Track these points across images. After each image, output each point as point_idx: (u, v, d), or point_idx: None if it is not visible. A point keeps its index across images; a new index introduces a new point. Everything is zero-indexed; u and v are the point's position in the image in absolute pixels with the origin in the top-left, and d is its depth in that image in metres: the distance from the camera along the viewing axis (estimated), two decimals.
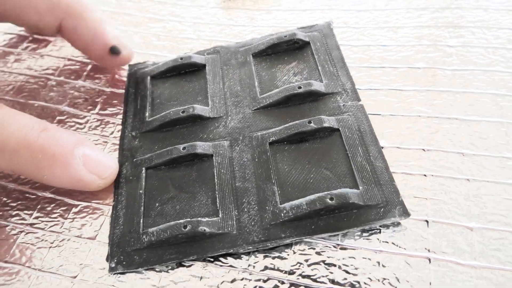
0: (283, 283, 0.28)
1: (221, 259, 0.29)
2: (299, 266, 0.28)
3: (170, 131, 0.37)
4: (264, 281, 0.28)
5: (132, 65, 0.44)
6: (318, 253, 0.29)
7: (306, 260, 0.29)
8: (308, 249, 0.29)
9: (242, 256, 0.29)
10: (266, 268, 0.29)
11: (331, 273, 0.28)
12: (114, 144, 0.38)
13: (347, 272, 0.28)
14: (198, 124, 0.37)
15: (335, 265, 0.28)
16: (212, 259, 0.29)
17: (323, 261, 0.28)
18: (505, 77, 0.37)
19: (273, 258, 0.29)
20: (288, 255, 0.29)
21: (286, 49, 0.42)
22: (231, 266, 0.29)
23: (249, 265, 0.29)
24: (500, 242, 0.28)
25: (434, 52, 0.40)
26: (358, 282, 0.27)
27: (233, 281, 0.28)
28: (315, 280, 0.28)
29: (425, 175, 0.32)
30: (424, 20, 0.43)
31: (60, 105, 0.41)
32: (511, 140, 0.32)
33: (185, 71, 0.42)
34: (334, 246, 0.29)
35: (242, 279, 0.28)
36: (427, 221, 0.29)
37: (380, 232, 0.29)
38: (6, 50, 0.48)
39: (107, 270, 0.30)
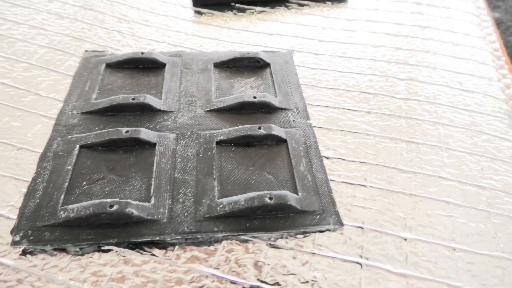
0: (207, 277, 0.26)
1: (144, 247, 0.27)
2: (227, 262, 0.26)
3: (115, 116, 0.36)
4: (185, 273, 0.26)
5: (89, 51, 0.44)
6: (248, 251, 0.27)
7: (235, 257, 0.27)
8: (239, 246, 0.27)
9: (168, 247, 0.27)
10: (190, 261, 0.26)
11: (259, 271, 0.26)
12: (51, 119, 0.35)
13: (276, 271, 0.26)
14: (147, 114, 0.36)
15: (264, 263, 0.26)
16: (134, 246, 0.27)
17: (252, 259, 0.27)
18: (446, 110, 0.39)
19: (200, 251, 0.27)
20: (216, 249, 0.27)
21: (247, 65, 0.43)
22: (153, 255, 0.27)
23: (172, 256, 0.27)
24: (432, 255, 0.27)
25: (384, 82, 0.42)
26: (285, 282, 0.25)
27: (153, 270, 0.26)
28: (240, 276, 0.26)
29: (364, 186, 0.32)
30: (378, 55, 0.46)
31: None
32: (449, 163, 0.34)
33: (144, 66, 0.42)
34: (267, 245, 0.27)
35: (162, 270, 0.26)
36: (362, 228, 0.29)
37: (315, 235, 0.28)
38: None
39: (9, 245, 0.26)
